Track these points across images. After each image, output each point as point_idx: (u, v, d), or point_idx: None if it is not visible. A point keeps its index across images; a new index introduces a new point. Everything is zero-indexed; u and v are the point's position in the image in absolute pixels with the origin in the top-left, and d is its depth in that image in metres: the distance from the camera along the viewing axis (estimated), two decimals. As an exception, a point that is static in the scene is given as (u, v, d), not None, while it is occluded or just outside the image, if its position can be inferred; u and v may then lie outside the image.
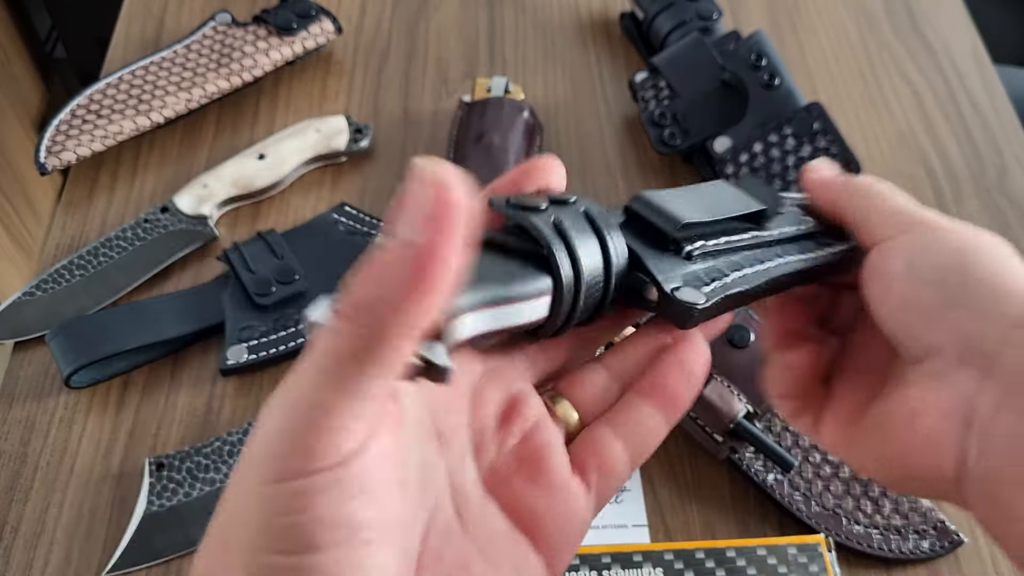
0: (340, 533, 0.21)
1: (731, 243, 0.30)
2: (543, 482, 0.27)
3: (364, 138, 0.73)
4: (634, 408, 0.29)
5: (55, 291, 0.64)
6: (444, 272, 0.20)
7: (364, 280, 0.20)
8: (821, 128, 0.67)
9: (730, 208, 0.31)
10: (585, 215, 0.27)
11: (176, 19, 0.84)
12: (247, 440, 0.23)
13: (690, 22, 0.76)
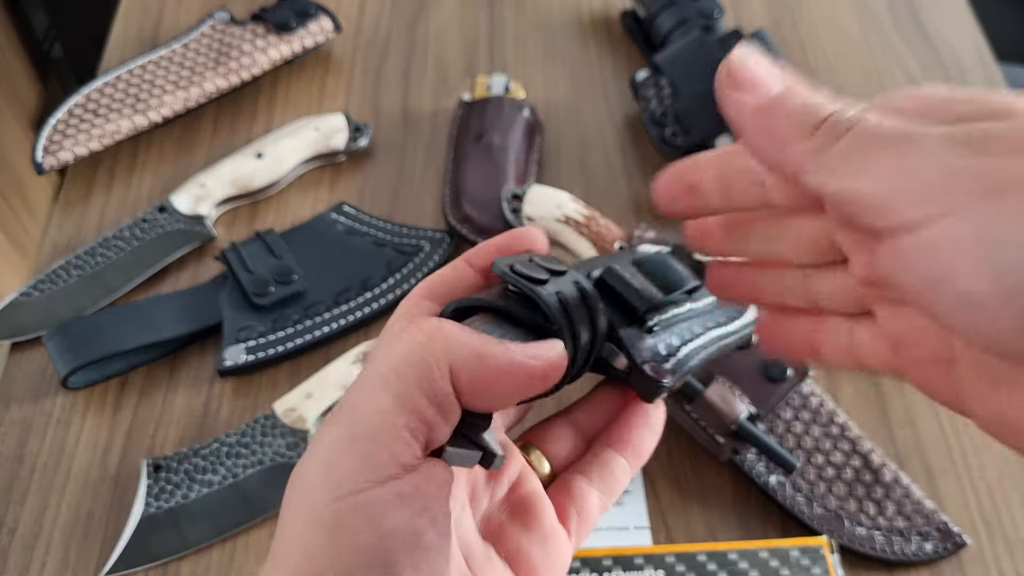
0: (414, 552, 0.22)
1: (678, 316, 0.33)
2: (536, 530, 0.28)
3: (363, 137, 0.72)
4: (605, 458, 0.31)
5: (52, 291, 0.64)
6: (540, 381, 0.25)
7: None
8: None
9: (677, 283, 0.33)
10: (576, 286, 0.29)
11: (174, 17, 0.83)
12: (300, 465, 0.24)
13: (692, 20, 0.75)
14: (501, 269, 0.28)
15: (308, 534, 0.22)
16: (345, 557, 0.21)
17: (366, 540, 0.21)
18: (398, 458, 0.23)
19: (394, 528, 0.22)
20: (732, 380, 0.55)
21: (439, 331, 0.24)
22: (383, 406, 0.23)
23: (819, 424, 0.56)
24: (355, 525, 0.22)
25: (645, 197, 0.72)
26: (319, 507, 0.22)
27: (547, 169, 0.73)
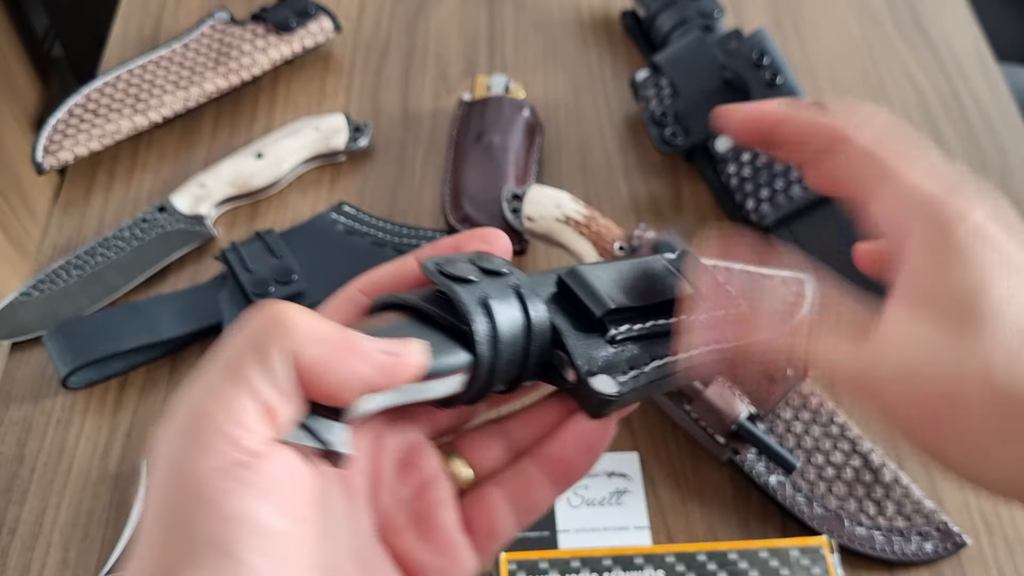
0: (258, 538, 0.21)
1: (656, 327, 0.30)
2: (434, 540, 0.27)
3: (363, 137, 0.72)
4: (527, 476, 0.29)
5: (52, 291, 0.64)
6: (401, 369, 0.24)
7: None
8: None
9: (659, 292, 0.31)
10: (514, 289, 0.27)
11: (174, 17, 0.83)
12: (154, 440, 0.23)
13: (692, 20, 0.75)
14: (426, 267, 0.27)
15: (152, 523, 0.22)
16: (185, 545, 0.21)
17: (204, 527, 0.21)
18: (238, 443, 0.22)
19: (233, 514, 0.21)
20: (732, 380, 0.55)
21: (283, 315, 0.23)
22: (220, 391, 0.22)
23: (819, 424, 0.56)
24: (193, 512, 0.21)
25: (645, 197, 0.72)
26: (161, 496, 0.22)
27: (547, 169, 0.73)
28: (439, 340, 0.26)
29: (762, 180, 0.67)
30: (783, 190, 0.66)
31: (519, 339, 0.27)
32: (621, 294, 0.30)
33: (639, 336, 0.30)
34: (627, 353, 0.29)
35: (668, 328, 0.31)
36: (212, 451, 0.22)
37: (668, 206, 0.71)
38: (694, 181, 0.72)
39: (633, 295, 0.30)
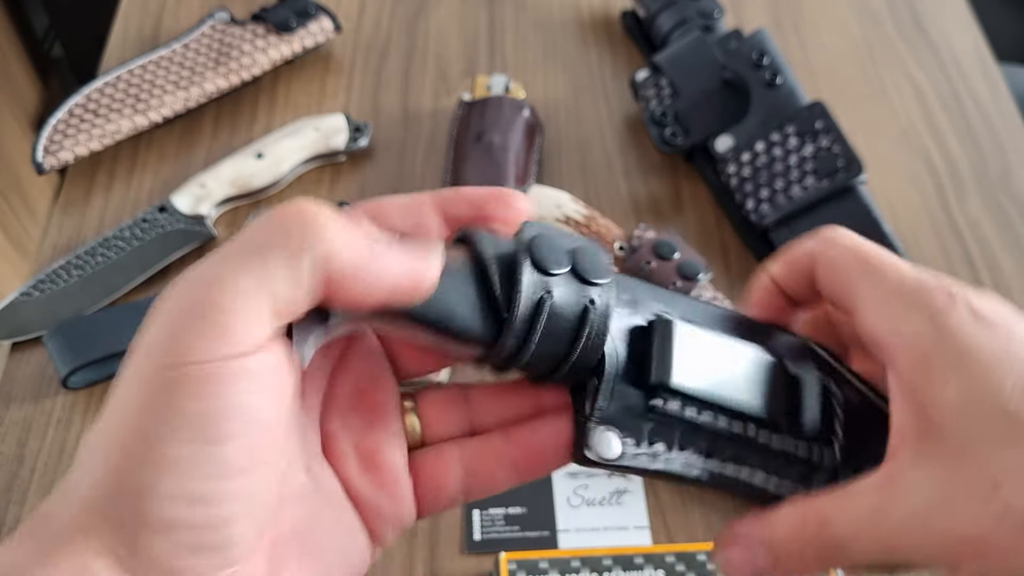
0: (247, 426, 0.21)
1: (711, 426, 0.28)
2: (376, 474, 0.27)
3: (363, 137, 0.72)
4: (492, 451, 0.28)
5: (52, 291, 0.64)
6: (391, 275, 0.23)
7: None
8: (823, 127, 0.66)
9: (750, 396, 0.28)
10: (585, 302, 0.26)
11: (174, 17, 0.83)
12: (147, 319, 0.22)
13: (692, 20, 0.75)
14: (525, 228, 0.26)
15: (134, 394, 0.22)
16: (170, 420, 0.21)
17: (197, 407, 0.21)
18: (249, 335, 0.21)
19: (233, 403, 0.21)
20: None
21: (318, 216, 0.22)
22: (238, 283, 0.21)
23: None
24: (190, 392, 0.21)
25: (645, 197, 0.72)
26: (153, 371, 0.21)
27: (547, 169, 0.73)
28: (476, 301, 0.25)
29: (762, 180, 0.67)
30: (783, 190, 0.66)
31: (555, 352, 0.26)
32: (700, 375, 0.27)
33: (687, 424, 0.27)
34: (661, 428, 0.27)
35: (730, 434, 0.28)
36: (227, 342, 0.21)
37: (668, 206, 0.71)
38: (694, 181, 0.72)
39: (714, 384, 0.27)
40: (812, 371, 0.29)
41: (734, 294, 0.66)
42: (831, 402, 0.29)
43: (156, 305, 0.23)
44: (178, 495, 0.21)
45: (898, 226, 0.69)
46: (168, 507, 0.21)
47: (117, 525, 0.21)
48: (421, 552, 0.54)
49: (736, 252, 0.68)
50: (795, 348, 0.30)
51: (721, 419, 0.28)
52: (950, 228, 0.70)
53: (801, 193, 0.65)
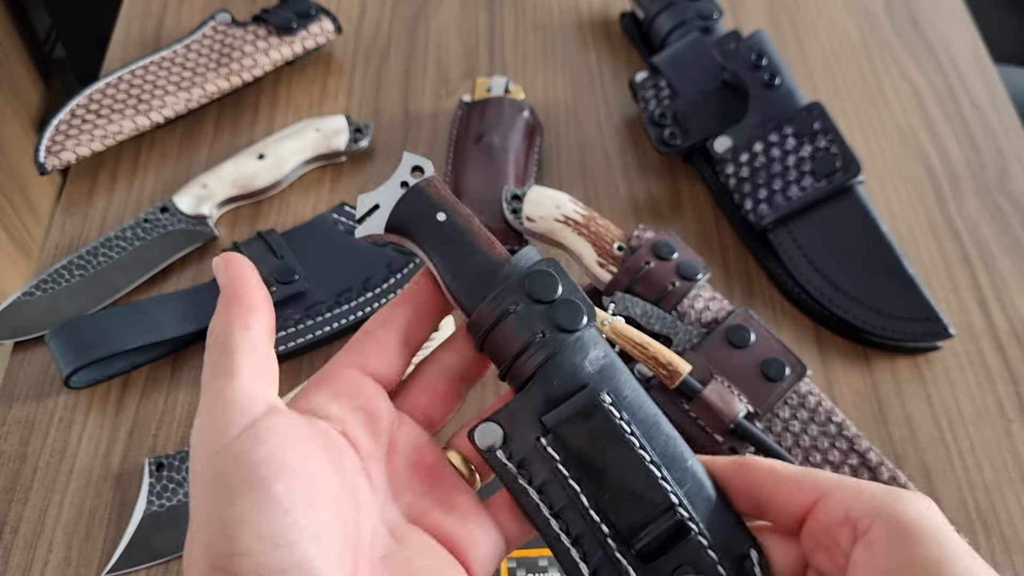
0: (276, 472, 0.26)
1: (572, 495, 0.31)
2: (457, 512, 0.31)
3: (364, 138, 0.73)
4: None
5: (55, 291, 0.64)
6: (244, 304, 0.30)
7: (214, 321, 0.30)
8: (821, 128, 0.67)
9: (618, 502, 0.30)
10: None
11: (176, 19, 0.84)
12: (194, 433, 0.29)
13: (690, 22, 0.76)
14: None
15: (200, 487, 0.27)
16: (227, 492, 0.26)
17: (238, 473, 0.26)
18: (249, 412, 0.28)
19: (259, 459, 0.27)
20: (730, 379, 0.56)
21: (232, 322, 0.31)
22: (220, 383, 0.29)
23: (816, 423, 0.57)
24: (229, 467, 0.27)
25: (644, 197, 0.72)
26: (205, 460, 0.27)
27: (547, 170, 0.73)
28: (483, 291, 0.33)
29: (760, 181, 0.67)
30: (781, 190, 0.66)
31: (503, 353, 0.32)
32: (584, 451, 0.31)
33: (558, 479, 0.31)
34: (540, 469, 0.31)
35: (592, 527, 0.30)
36: (232, 423, 0.27)
37: (667, 206, 0.71)
38: (693, 182, 0.73)
39: (595, 468, 0.31)
40: (715, 552, 0.30)
41: (732, 294, 0.66)
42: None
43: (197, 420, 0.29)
44: (255, 545, 0.25)
45: (896, 227, 0.70)
46: (252, 559, 0.25)
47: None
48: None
49: (735, 252, 0.69)
50: (735, 535, 0.31)
51: (584, 499, 0.30)
52: (948, 229, 0.70)
53: (799, 194, 0.65)
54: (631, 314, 0.58)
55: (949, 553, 0.26)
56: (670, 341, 0.58)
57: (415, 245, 0.34)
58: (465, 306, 0.33)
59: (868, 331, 0.62)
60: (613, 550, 0.30)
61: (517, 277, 0.32)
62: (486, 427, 0.32)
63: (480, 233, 0.34)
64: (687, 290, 0.59)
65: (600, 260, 0.61)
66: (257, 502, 0.26)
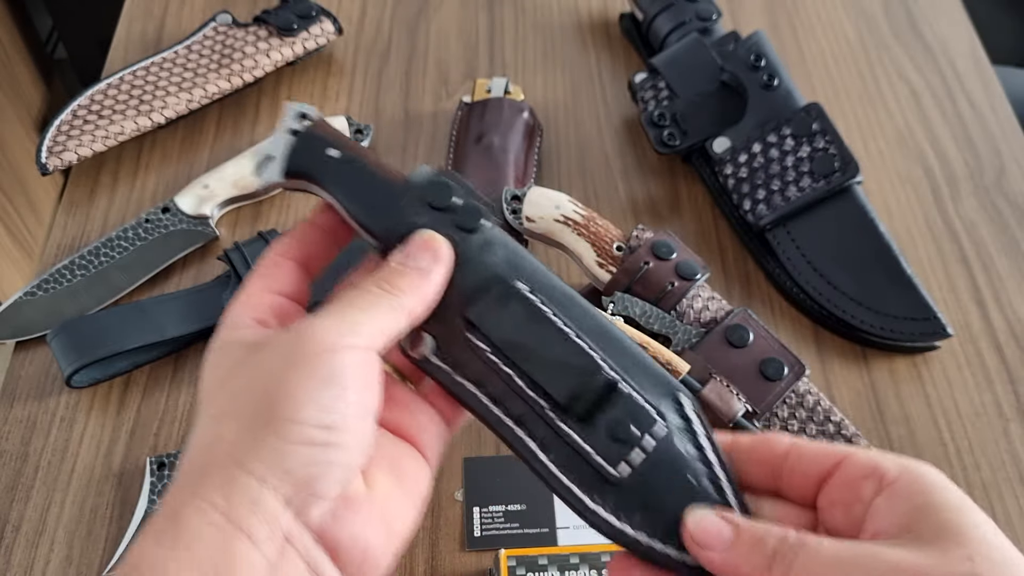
0: (355, 384, 0.30)
1: (507, 378, 0.33)
2: (400, 405, 0.34)
3: (364, 138, 0.73)
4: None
5: (56, 291, 0.65)
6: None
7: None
8: (820, 128, 0.67)
9: (550, 373, 0.33)
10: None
11: (177, 20, 0.84)
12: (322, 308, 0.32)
13: (689, 23, 0.76)
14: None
15: (272, 358, 0.30)
16: (305, 370, 0.29)
17: (324, 366, 0.29)
18: (362, 340, 0.31)
19: (346, 367, 0.30)
20: (729, 378, 0.56)
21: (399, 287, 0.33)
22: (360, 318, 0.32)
23: (815, 422, 0.57)
24: (320, 359, 0.29)
25: (643, 198, 0.72)
26: (290, 345, 0.30)
27: (546, 170, 0.74)
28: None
29: (759, 181, 0.67)
30: (779, 191, 0.66)
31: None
32: (510, 333, 0.33)
33: (490, 366, 0.33)
34: (472, 363, 0.34)
35: (529, 403, 0.33)
36: (343, 334, 0.30)
37: (666, 207, 0.72)
38: (692, 182, 0.73)
39: (524, 346, 0.33)
40: (646, 399, 0.32)
41: (731, 294, 0.67)
42: (657, 438, 0.32)
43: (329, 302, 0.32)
44: (312, 422, 0.28)
45: (894, 227, 0.70)
46: (305, 430, 0.28)
47: (260, 448, 0.28)
48: (422, 549, 0.55)
49: (733, 252, 0.69)
50: (660, 382, 0.33)
51: (517, 379, 0.33)
52: (946, 229, 0.70)
53: (798, 194, 0.66)
54: (630, 314, 0.58)
55: (968, 504, 0.28)
56: (669, 341, 0.58)
57: (314, 185, 0.36)
58: (373, 230, 0.35)
59: (867, 331, 0.63)
60: (554, 420, 0.32)
61: (415, 191, 0.35)
62: (417, 337, 0.34)
63: (373, 161, 0.36)
64: (686, 290, 0.59)
65: (599, 260, 0.61)
66: (325, 396, 0.29)
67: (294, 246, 0.36)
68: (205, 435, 0.30)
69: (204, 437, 0.30)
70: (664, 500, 0.31)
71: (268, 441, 0.28)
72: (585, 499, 0.32)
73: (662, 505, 0.31)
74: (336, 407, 0.29)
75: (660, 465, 0.31)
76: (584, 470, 0.32)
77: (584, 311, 0.34)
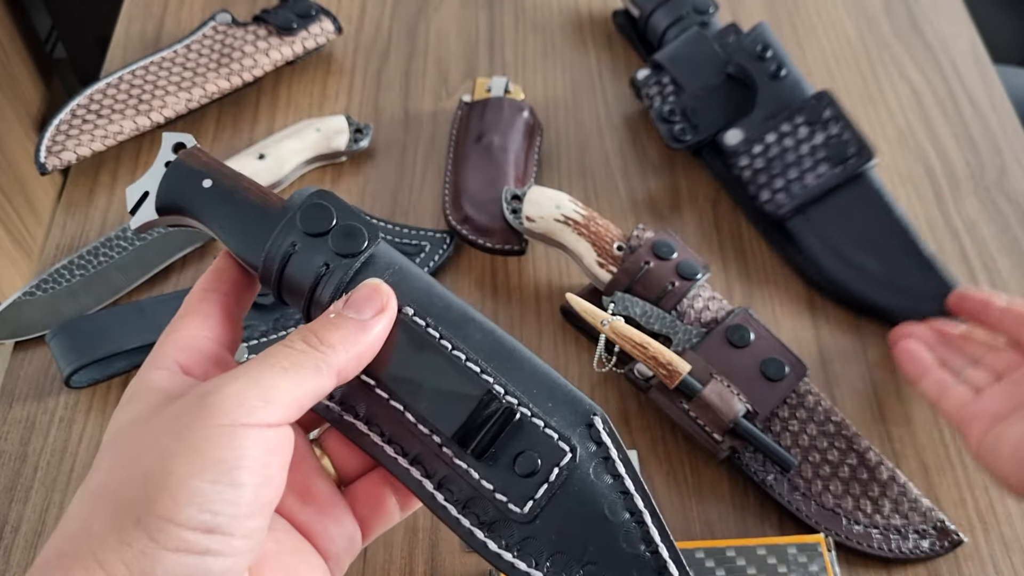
0: (259, 477, 0.27)
1: (397, 416, 0.31)
2: (313, 503, 0.31)
3: (364, 138, 0.73)
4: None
5: (55, 291, 0.64)
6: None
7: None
8: (832, 115, 0.67)
9: (441, 409, 0.30)
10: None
11: (176, 19, 0.84)
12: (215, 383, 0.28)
13: (687, 17, 0.76)
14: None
15: (163, 432, 0.27)
16: (197, 461, 0.26)
17: (223, 455, 0.26)
18: (277, 415, 0.28)
19: (252, 457, 0.27)
20: (730, 379, 0.56)
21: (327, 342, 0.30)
22: (282, 383, 0.29)
23: (816, 422, 0.57)
24: (220, 443, 0.26)
25: (643, 197, 0.72)
26: (189, 421, 0.27)
27: (546, 170, 0.73)
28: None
29: (775, 171, 0.67)
30: (797, 179, 0.66)
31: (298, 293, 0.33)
32: (396, 368, 0.31)
33: (381, 403, 0.32)
34: (362, 401, 0.32)
35: (422, 441, 0.31)
36: (253, 410, 0.27)
37: (666, 206, 0.72)
38: (692, 181, 0.73)
39: (411, 381, 0.31)
40: (552, 427, 0.29)
41: (732, 294, 0.66)
42: (565, 470, 0.29)
43: (218, 384, 0.28)
44: (192, 524, 0.25)
45: (895, 226, 0.70)
46: (182, 534, 0.25)
47: (127, 550, 0.24)
48: (421, 551, 0.55)
49: (733, 252, 0.69)
50: (572, 406, 0.30)
51: (408, 415, 0.30)
52: (947, 229, 0.70)
53: (815, 181, 0.66)
54: (631, 314, 0.58)
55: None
56: (670, 341, 0.58)
57: (192, 219, 0.33)
58: (249, 260, 0.32)
59: (893, 311, 0.63)
60: (450, 457, 0.29)
61: (289, 218, 0.32)
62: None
63: (251, 188, 0.33)
64: (686, 290, 0.59)
65: (600, 260, 0.61)
66: (219, 494, 0.25)
67: (217, 278, 0.33)
68: (74, 518, 0.26)
69: (73, 521, 0.26)
70: (576, 540, 0.28)
71: (137, 544, 0.24)
72: (489, 543, 0.29)
73: (574, 546, 0.28)
74: (223, 508, 0.25)
75: (569, 501, 0.28)
76: (487, 510, 0.29)
77: (484, 332, 0.31)
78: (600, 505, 0.28)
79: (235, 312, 0.33)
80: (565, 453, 0.29)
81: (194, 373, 0.31)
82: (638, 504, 0.28)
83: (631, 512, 0.28)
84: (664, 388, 0.55)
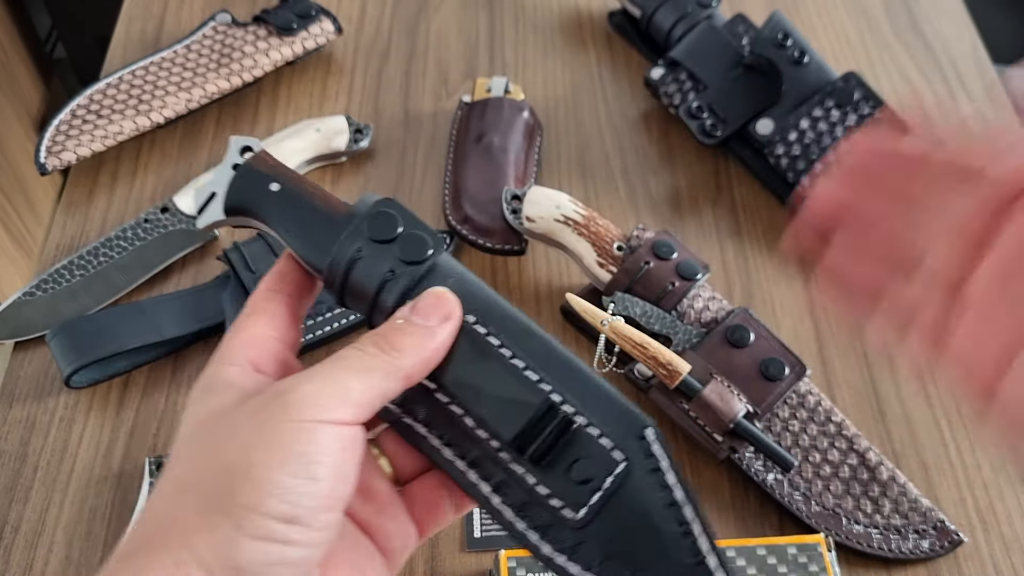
0: (336, 471, 0.28)
1: (457, 420, 0.32)
2: (373, 501, 0.32)
3: (364, 138, 0.73)
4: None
5: (55, 291, 0.64)
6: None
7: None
8: (863, 95, 0.67)
9: (501, 414, 0.31)
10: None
11: (176, 19, 0.84)
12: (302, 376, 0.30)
13: (692, 13, 0.76)
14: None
15: (246, 427, 0.28)
16: (278, 454, 0.27)
17: (303, 449, 0.27)
18: (351, 415, 0.29)
19: (329, 452, 0.28)
20: (729, 379, 0.56)
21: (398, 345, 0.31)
22: (355, 385, 0.30)
23: (816, 422, 0.57)
24: (299, 438, 0.27)
25: (643, 197, 0.72)
26: (271, 415, 0.28)
27: (546, 170, 0.73)
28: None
29: (813, 156, 0.67)
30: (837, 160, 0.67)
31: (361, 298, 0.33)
32: (457, 373, 0.31)
33: (439, 407, 0.32)
34: (421, 404, 0.32)
35: (480, 445, 0.31)
36: (333, 408, 0.28)
37: (666, 206, 0.72)
38: (692, 181, 0.73)
39: (472, 386, 0.31)
40: (607, 436, 0.30)
41: (732, 294, 0.66)
42: (619, 480, 0.29)
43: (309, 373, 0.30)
44: (275, 513, 0.26)
45: (895, 226, 0.70)
46: (265, 523, 0.26)
47: (213, 536, 0.26)
48: (422, 550, 0.55)
49: (733, 252, 0.69)
50: (626, 417, 0.31)
51: (467, 420, 0.31)
52: (947, 228, 0.70)
53: None
54: (631, 314, 0.58)
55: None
56: (670, 341, 0.58)
57: (258, 221, 0.34)
58: (315, 265, 0.33)
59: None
60: (507, 462, 0.30)
61: (356, 224, 0.33)
62: None
63: (316, 193, 0.34)
64: (686, 290, 0.59)
65: (600, 260, 0.61)
66: (299, 486, 0.27)
67: (280, 279, 0.34)
68: (159, 506, 0.28)
69: (161, 506, 0.28)
70: (626, 548, 0.29)
71: (223, 529, 0.26)
72: (542, 546, 0.29)
73: (624, 553, 0.29)
74: (302, 500, 0.27)
75: (621, 509, 0.29)
76: (540, 515, 0.30)
77: (542, 342, 0.32)
78: (650, 515, 0.29)
79: (298, 313, 0.34)
80: (619, 463, 0.29)
81: (264, 370, 0.32)
82: (686, 515, 0.29)
83: (680, 523, 0.29)
84: (664, 388, 0.55)
